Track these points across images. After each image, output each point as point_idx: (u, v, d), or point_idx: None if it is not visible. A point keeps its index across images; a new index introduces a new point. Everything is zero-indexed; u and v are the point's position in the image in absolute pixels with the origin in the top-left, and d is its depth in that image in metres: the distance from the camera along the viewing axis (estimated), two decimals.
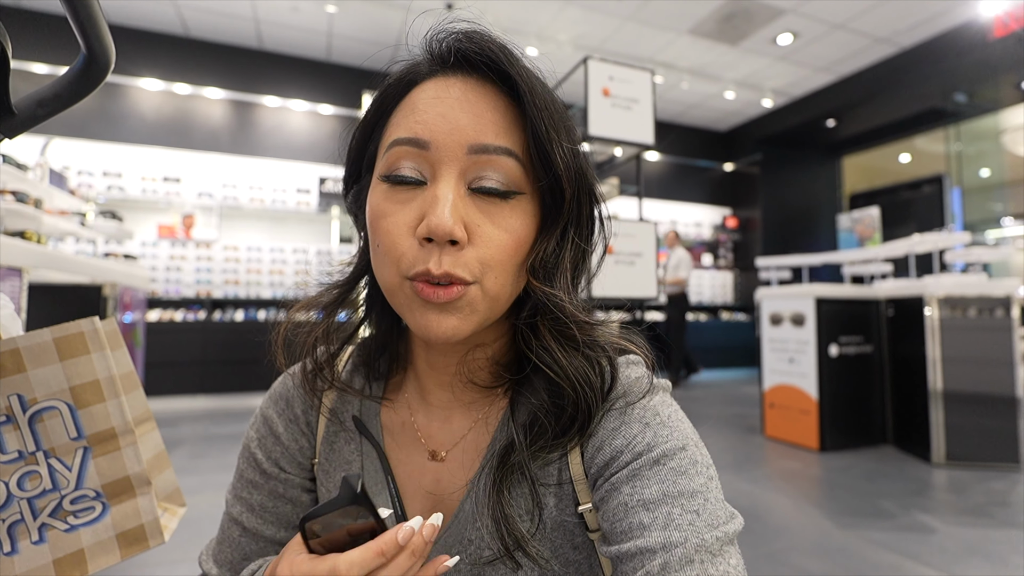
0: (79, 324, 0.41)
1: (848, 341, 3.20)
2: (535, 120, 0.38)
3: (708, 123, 7.22)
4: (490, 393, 0.46)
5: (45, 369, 0.41)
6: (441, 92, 0.39)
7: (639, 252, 2.44)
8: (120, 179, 4.83)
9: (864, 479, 2.59)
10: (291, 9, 4.54)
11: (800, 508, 2.23)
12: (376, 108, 0.43)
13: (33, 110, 0.42)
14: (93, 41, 0.39)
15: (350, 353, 0.52)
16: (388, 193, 0.39)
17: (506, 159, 0.38)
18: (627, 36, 4.97)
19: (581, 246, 0.43)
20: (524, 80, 0.38)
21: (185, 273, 4.98)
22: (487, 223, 0.38)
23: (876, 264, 3.97)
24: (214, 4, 4.53)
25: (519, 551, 0.39)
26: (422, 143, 0.38)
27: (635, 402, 0.40)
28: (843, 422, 3.14)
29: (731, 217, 7.41)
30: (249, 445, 0.50)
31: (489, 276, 0.38)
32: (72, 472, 0.41)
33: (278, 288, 5.24)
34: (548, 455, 0.41)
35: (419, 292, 0.38)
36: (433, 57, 0.41)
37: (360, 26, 4.83)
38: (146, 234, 4.91)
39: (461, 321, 0.39)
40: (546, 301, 0.40)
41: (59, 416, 0.41)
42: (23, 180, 2.11)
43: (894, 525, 2.03)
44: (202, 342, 4.56)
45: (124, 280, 2.68)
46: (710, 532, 0.33)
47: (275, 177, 5.35)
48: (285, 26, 4.86)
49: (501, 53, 0.39)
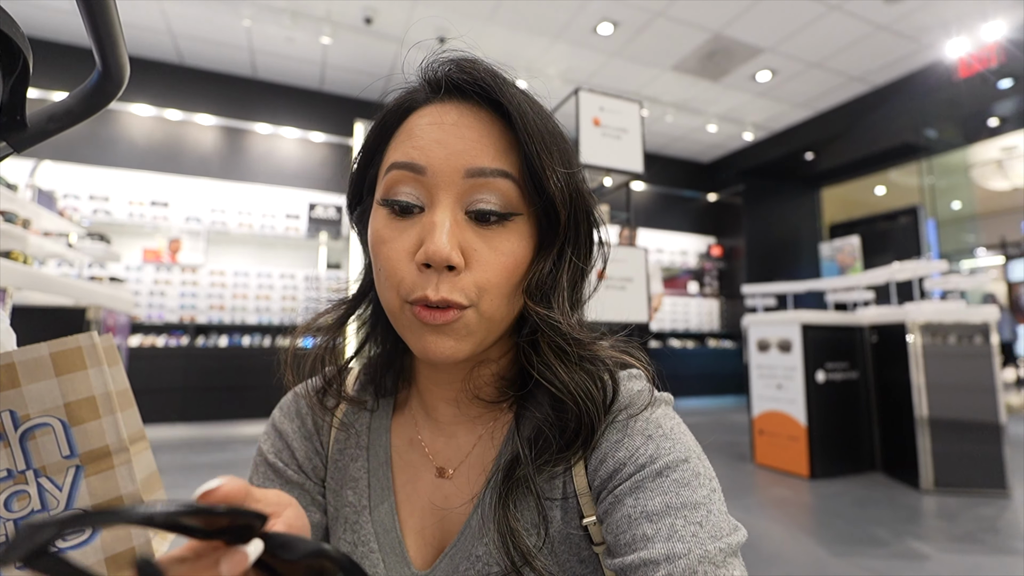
0: (77, 339, 0.40)
1: (834, 367, 3.23)
2: (526, 144, 0.39)
3: (692, 155, 7.43)
4: (495, 408, 0.46)
5: (40, 384, 0.40)
6: (437, 118, 0.40)
7: (630, 277, 2.47)
8: (107, 203, 4.79)
9: (855, 506, 2.58)
10: (286, 40, 4.63)
11: (793, 536, 2.21)
12: (376, 133, 0.44)
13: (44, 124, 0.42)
14: (110, 57, 0.39)
15: (357, 373, 0.52)
16: (388, 219, 0.40)
17: (502, 181, 0.39)
18: (614, 71, 5.14)
19: (579, 266, 0.44)
20: (514, 106, 0.39)
21: (169, 298, 4.90)
22: (484, 247, 0.39)
23: (858, 291, 4.05)
24: (210, 34, 4.60)
25: (526, 566, 0.38)
26: (419, 168, 0.39)
27: (637, 414, 0.41)
28: (832, 449, 3.14)
29: (716, 246, 7.54)
30: (267, 457, 0.49)
31: (485, 299, 0.39)
32: (63, 492, 0.40)
33: (264, 314, 5.17)
34: (553, 468, 0.41)
35: (417, 315, 0.38)
36: (429, 85, 0.42)
37: (354, 57, 4.94)
38: (131, 258, 4.84)
39: (457, 343, 0.39)
40: (540, 322, 0.40)
41: (52, 433, 0.40)
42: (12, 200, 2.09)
43: (888, 552, 2.02)
44: (184, 368, 4.45)
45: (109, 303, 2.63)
46: (713, 543, 0.33)
47: (264, 202, 5.34)
48: (280, 56, 4.95)
49: (492, 80, 0.40)
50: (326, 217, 5.47)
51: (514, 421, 0.44)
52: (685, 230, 7.48)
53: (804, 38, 4.52)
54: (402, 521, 0.46)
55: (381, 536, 0.45)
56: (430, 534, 0.45)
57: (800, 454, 3.12)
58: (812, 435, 3.09)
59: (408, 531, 0.45)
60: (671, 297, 7.17)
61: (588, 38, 4.58)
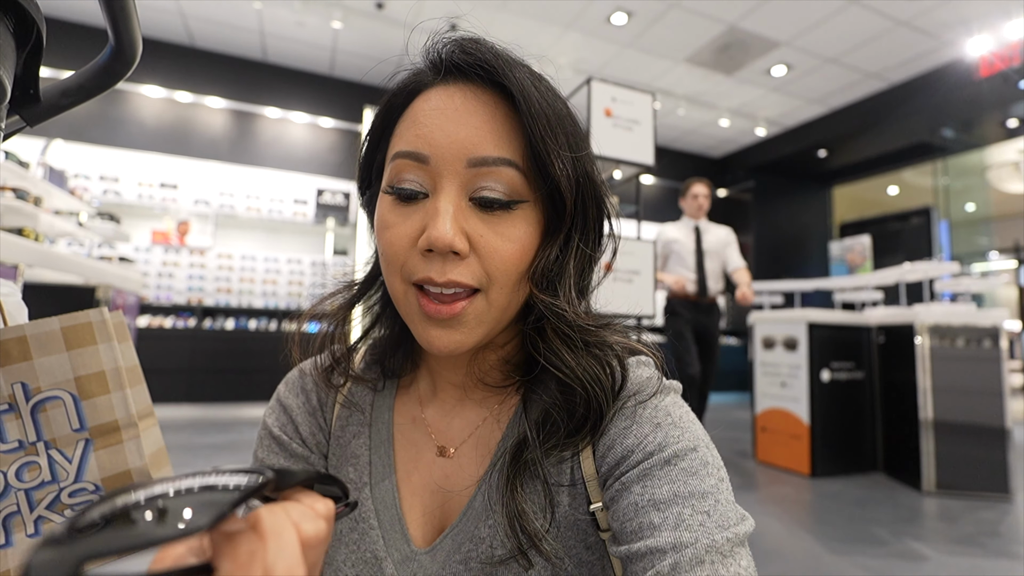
0: (87, 314, 0.41)
1: (839, 367, 3.21)
2: (530, 128, 0.38)
3: (703, 149, 7.35)
4: (501, 392, 0.46)
5: (51, 358, 0.40)
6: (442, 103, 0.39)
7: (637, 270, 2.46)
8: (116, 184, 4.82)
9: (855, 505, 2.58)
10: (296, 24, 4.61)
11: (792, 533, 2.21)
12: (382, 118, 0.44)
13: (57, 99, 0.42)
14: (123, 33, 0.39)
15: (363, 352, 0.53)
16: (392, 205, 0.40)
17: (506, 169, 0.38)
18: (626, 62, 5.08)
19: (587, 252, 0.43)
20: (517, 88, 0.38)
21: (177, 280, 4.94)
22: (490, 233, 0.39)
23: (867, 291, 4.02)
24: (220, 16, 4.59)
25: (532, 548, 0.38)
26: (423, 157, 0.38)
27: (646, 401, 0.40)
28: (834, 448, 3.13)
29: None
30: (271, 431, 0.49)
31: (494, 287, 0.39)
32: (72, 464, 0.40)
33: (271, 298, 5.20)
34: (561, 453, 0.41)
35: (422, 307, 0.38)
36: (433, 66, 0.42)
37: (365, 42, 4.91)
38: (140, 240, 4.88)
39: (466, 335, 0.39)
40: (546, 310, 0.40)
41: (62, 406, 0.40)
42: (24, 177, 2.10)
43: (886, 552, 2.02)
44: (191, 350, 4.50)
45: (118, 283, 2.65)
46: (721, 533, 0.33)
47: (273, 187, 5.35)
48: (290, 40, 4.93)
49: (496, 61, 0.39)
50: (334, 203, 5.48)
51: (522, 404, 0.44)
52: None
53: (821, 33, 4.44)
54: (403, 499, 0.46)
55: (381, 513, 0.45)
56: (431, 513, 0.45)
57: (802, 452, 3.12)
58: (814, 433, 3.08)
59: (409, 509, 0.45)
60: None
61: (601, 28, 4.52)
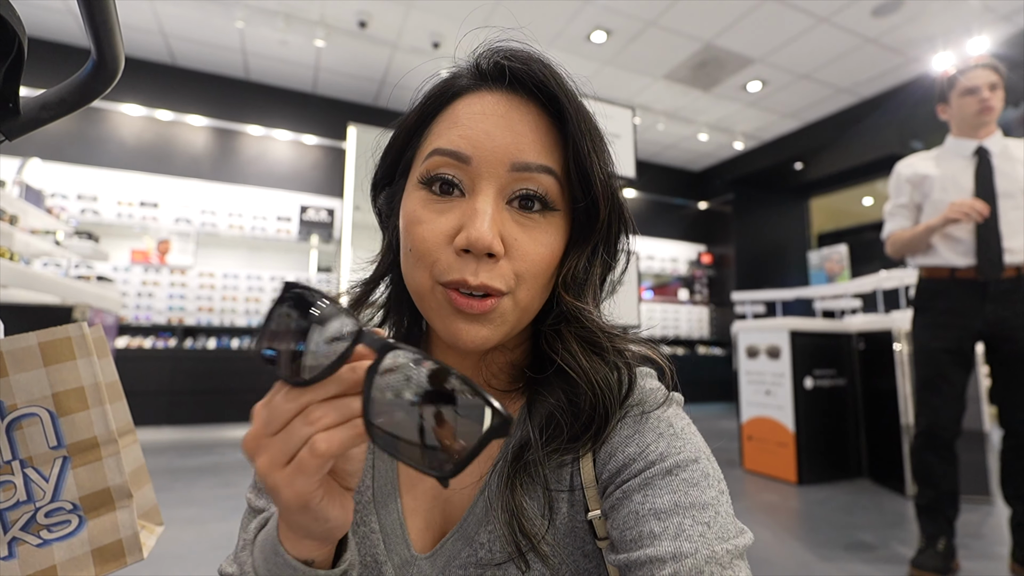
0: (66, 329, 0.40)
1: (822, 374, 3.26)
2: (578, 141, 0.40)
3: (683, 163, 7.50)
4: (506, 396, 0.46)
5: (28, 374, 0.39)
6: (487, 108, 0.40)
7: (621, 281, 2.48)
8: (95, 203, 4.73)
9: (842, 512, 2.60)
10: (279, 42, 4.62)
11: (781, 541, 2.22)
12: (417, 115, 0.44)
13: (37, 112, 0.42)
14: (105, 46, 0.39)
15: None
16: (425, 200, 0.40)
17: (546, 177, 0.40)
18: (606, 79, 5.19)
19: (609, 264, 0.46)
20: (571, 103, 0.40)
21: (157, 299, 4.84)
22: (524, 237, 0.39)
23: (846, 299, 4.10)
24: (202, 36, 4.58)
25: (531, 551, 0.38)
26: (464, 157, 0.39)
27: (650, 411, 0.41)
28: (820, 455, 3.16)
29: (706, 253, 7.60)
30: None
31: (522, 288, 0.40)
32: (49, 483, 0.39)
33: (253, 316, 5.12)
34: (562, 457, 0.41)
35: (452, 301, 0.38)
36: (480, 72, 0.43)
37: (347, 61, 4.94)
38: (119, 259, 4.78)
39: (492, 332, 0.40)
40: (577, 315, 0.42)
41: (39, 424, 0.39)
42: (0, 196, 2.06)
43: (874, 557, 2.03)
44: (171, 370, 4.39)
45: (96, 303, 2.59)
46: (720, 545, 0.33)
47: (255, 204, 5.31)
48: (273, 58, 4.94)
49: (550, 75, 0.41)
50: (318, 220, 5.45)
51: (526, 407, 0.44)
52: (676, 238, 7.54)
53: (793, 50, 4.59)
54: (404, 503, 0.45)
55: (383, 517, 0.45)
56: (432, 518, 0.44)
57: (788, 460, 3.14)
58: (800, 441, 3.11)
59: (411, 513, 0.45)
60: (661, 304, 7.21)
61: (581, 46, 4.62)
